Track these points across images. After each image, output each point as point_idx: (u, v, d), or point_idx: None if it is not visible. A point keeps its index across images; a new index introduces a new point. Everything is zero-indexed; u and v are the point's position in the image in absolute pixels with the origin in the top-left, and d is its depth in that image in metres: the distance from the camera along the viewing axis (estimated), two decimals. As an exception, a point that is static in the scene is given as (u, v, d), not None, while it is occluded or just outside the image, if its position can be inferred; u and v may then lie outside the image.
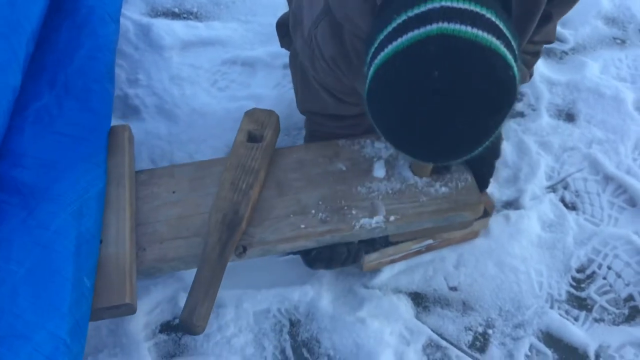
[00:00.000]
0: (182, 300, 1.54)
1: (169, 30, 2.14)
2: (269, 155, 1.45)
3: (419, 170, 1.43)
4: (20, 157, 1.33)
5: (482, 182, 1.51)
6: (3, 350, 1.05)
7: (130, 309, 1.27)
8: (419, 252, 1.60)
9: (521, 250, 1.66)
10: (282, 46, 1.74)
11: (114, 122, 1.85)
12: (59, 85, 1.47)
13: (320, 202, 1.41)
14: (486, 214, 1.47)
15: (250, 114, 1.53)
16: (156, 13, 2.23)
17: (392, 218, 1.39)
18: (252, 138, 1.47)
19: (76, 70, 1.49)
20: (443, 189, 1.43)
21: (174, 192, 1.45)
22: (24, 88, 1.43)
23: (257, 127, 1.49)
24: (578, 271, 1.65)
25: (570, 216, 1.73)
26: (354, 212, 1.39)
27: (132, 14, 2.18)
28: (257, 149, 1.43)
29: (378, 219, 1.38)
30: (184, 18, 2.22)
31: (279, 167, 1.48)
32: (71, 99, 1.44)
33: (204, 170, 1.48)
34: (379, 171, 1.46)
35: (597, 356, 1.51)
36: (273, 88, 1.98)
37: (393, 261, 1.59)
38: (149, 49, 2.09)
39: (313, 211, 1.40)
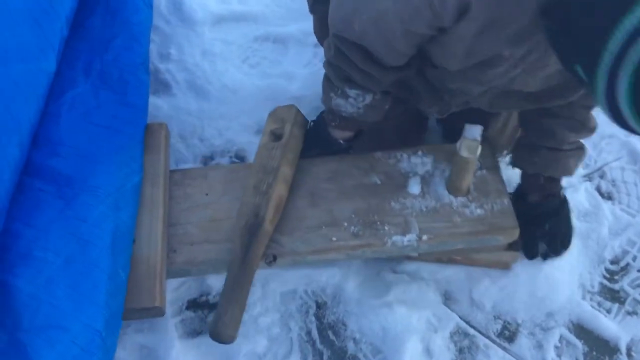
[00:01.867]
0: (209, 278, 1.55)
1: (201, 4, 2.12)
2: (292, 150, 1.43)
3: (454, 190, 1.40)
4: (57, 146, 1.33)
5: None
6: (40, 340, 1.06)
7: (159, 312, 1.27)
8: (438, 260, 1.57)
9: (554, 239, 1.62)
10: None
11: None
12: (94, 74, 1.47)
13: (353, 215, 1.39)
14: (517, 248, 1.45)
15: (272, 114, 1.51)
16: (189, -14, 2.20)
17: (424, 237, 1.36)
18: (277, 137, 1.45)
19: (111, 60, 1.49)
20: (478, 210, 1.39)
21: (206, 194, 1.44)
22: (60, 73, 1.43)
23: (279, 126, 1.46)
24: (612, 262, 1.61)
25: (606, 206, 1.69)
26: (386, 228, 1.37)
27: (164, -13, 2.16)
28: (276, 147, 1.41)
29: (410, 237, 1.36)
30: (217, -8, 2.20)
31: (312, 176, 1.46)
32: (107, 90, 1.44)
33: (237, 173, 1.47)
34: (414, 187, 1.42)
35: (629, 350, 1.48)
36: (304, 66, 1.96)
37: (409, 258, 1.57)
38: (181, 23, 2.07)
39: (345, 224, 1.38)
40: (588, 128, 1.38)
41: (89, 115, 1.39)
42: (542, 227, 1.51)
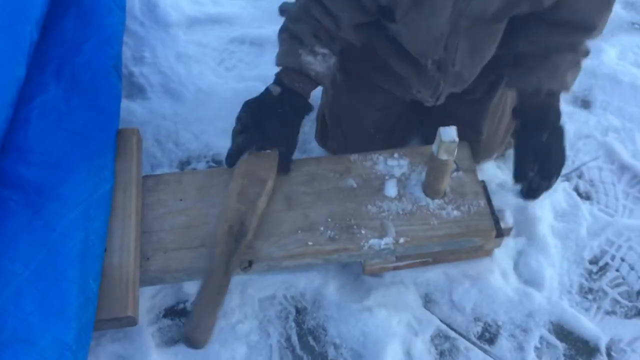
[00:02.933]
0: (186, 285, 1.52)
1: (176, 6, 2.09)
2: (275, 165, 1.41)
3: (431, 192, 1.40)
4: (26, 153, 1.29)
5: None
6: (6, 355, 1.03)
7: (132, 321, 1.24)
8: (425, 263, 1.56)
9: (533, 240, 1.63)
10: None
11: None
12: (65, 79, 1.43)
13: (329, 219, 1.37)
14: (501, 234, 1.43)
15: None
16: (163, -12, 2.18)
17: (401, 240, 1.35)
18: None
19: (83, 63, 1.46)
20: (455, 212, 1.38)
21: (180, 200, 1.41)
22: (29, 78, 1.39)
23: None
24: (591, 262, 1.61)
25: (584, 206, 1.69)
26: (363, 231, 1.36)
27: (138, -11, 2.13)
28: (266, 157, 1.38)
29: (387, 240, 1.35)
30: (191, -6, 2.17)
31: (288, 179, 1.43)
32: (78, 95, 1.41)
33: (213, 178, 1.44)
34: (391, 190, 1.41)
35: (609, 350, 1.48)
36: (282, 69, 1.94)
37: (397, 268, 1.55)
38: (155, 25, 2.04)
39: (321, 228, 1.36)
40: (581, 26, 1.30)
41: (59, 121, 1.36)
42: (539, 137, 1.35)
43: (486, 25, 1.29)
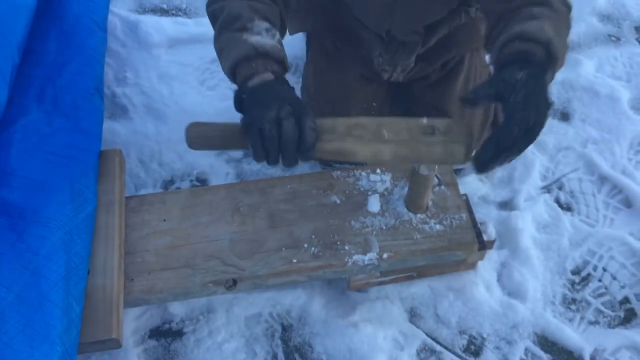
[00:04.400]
0: (171, 306, 1.52)
1: (158, 26, 2.10)
2: None
3: (414, 207, 1.41)
4: (8, 176, 1.29)
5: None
6: None
7: (116, 344, 1.24)
8: (409, 277, 1.57)
9: (516, 251, 1.64)
10: None
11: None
12: (47, 100, 1.43)
13: (313, 236, 1.38)
14: (483, 246, 1.45)
15: None
16: (144, 9, 2.19)
17: (385, 255, 1.36)
18: None
19: (65, 85, 1.46)
20: (437, 226, 1.40)
21: (164, 220, 1.41)
22: (11, 100, 1.39)
23: None
24: (573, 273, 1.63)
25: (565, 217, 1.71)
26: (346, 247, 1.37)
27: (119, 10, 2.14)
28: None
29: (371, 255, 1.36)
30: (173, 14, 2.19)
31: (271, 197, 1.45)
32: (60, 117, 1.41)
33: (196, 198, 1.45)
34: (374, 205, 1.43)
35: (593, 359, 1.49)
36: (264, 87, 1.95)
37: (382, 283, 1.56)
38: (137, 46, 2.05)
39: (305, 245, 1.37)
40: None
41: (41, 143, 1.36)
42: (514, 74, 1.03)
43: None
